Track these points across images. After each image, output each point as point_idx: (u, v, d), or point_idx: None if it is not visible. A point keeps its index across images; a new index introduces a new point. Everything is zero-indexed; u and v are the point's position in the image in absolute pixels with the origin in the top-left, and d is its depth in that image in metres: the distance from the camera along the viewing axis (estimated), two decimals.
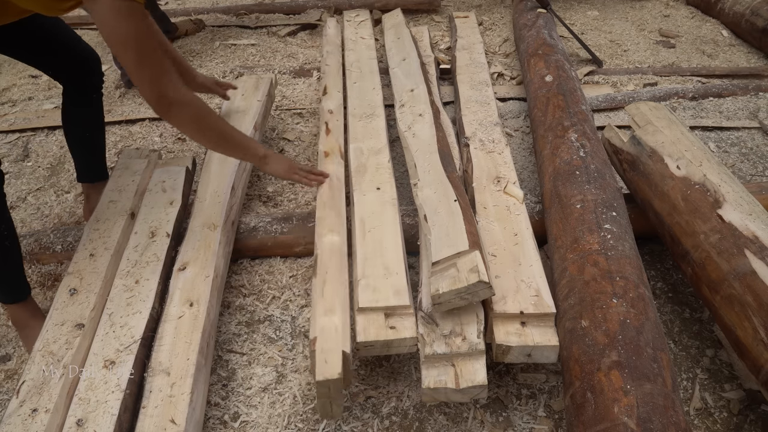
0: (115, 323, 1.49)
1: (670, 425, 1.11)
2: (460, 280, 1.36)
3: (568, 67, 2.39)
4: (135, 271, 1.63)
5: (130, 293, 1.57)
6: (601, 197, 1.64)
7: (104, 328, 1.48)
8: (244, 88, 2.39)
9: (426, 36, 3.10)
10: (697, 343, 1.64)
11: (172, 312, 1.52)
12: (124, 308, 1.52)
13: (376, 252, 1.61)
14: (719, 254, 1.43)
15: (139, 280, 1.60)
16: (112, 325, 1.48)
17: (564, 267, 1.51)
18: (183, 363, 1.40)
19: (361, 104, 2.32)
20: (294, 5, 3.74)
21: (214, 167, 2.00)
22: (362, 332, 1.42)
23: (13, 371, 1.63)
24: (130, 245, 1.72)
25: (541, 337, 1.39)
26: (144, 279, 1.60)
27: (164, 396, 1.33)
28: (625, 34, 3.44)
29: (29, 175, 2.44)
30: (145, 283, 1.59)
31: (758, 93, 2.72)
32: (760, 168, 2.27)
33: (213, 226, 1.77)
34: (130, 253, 1.69)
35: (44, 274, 1.89)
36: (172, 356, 1.41)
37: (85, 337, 1.47)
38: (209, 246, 1.71)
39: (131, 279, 1.61)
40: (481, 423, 1.46)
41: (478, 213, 1.72)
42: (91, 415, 1.29)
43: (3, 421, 1.31)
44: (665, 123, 1.82)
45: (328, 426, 1.47)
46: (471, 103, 2.32)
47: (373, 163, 1.95)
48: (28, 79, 3.21)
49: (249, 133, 2.11)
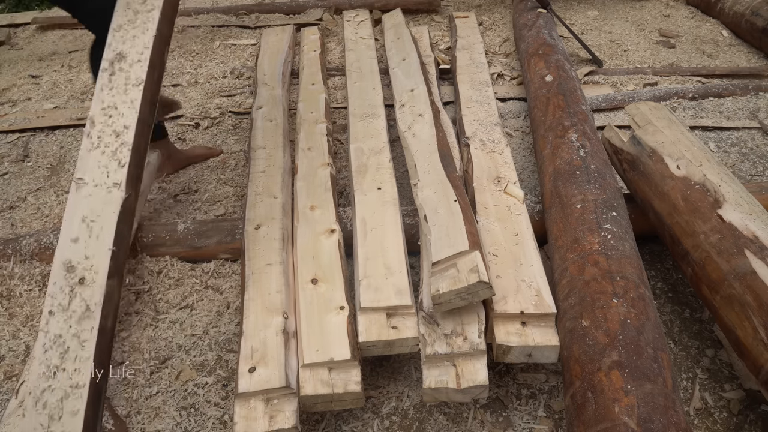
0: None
1: (671, 425, 1.11)
2: (461, 281, 1.36)
3: (568, 67, 2.39)
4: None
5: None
6: (601, 197, 1.64)
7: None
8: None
9: (426, 36, 3.10)
10: (697, 343, 1.64)
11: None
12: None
13: (377, 252, 1.61)
14: (719, 254, 1.43)
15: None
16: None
17: (564, 267, 1.52)
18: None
19: (362, 104, 2.32)
20: (294, 5, 3.74)
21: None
22: (364, 332, 1.42)
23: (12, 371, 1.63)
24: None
25: (542, 337, 1.39)
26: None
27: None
28: (625, 34, 3.44)
29: (29, 175, 2.44)
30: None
31: (758, 93, 2.72)
32: (760, 168, 2.27)
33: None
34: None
35: (44, 274, 1.89)
36: None
37: None
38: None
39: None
40: (481, 423, 1.46)
41: (478, 213, 1.72)
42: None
43: (2, 421, 1.31)
44: (665, 123, 1.82)
45: (328, 426, 1.47)
46: (471, 103, 2.32)
47: (373, 163, 1.95)
48: (28, 79, 3.22)
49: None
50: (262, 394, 1.31)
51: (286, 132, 2.24)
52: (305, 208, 1.80)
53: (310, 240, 1.69)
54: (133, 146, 1.36)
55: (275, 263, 1.62)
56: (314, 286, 1.55)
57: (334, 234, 1.71)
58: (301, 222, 1.76)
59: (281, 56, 2.86)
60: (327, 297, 1.52)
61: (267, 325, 1.45)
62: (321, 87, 2.53)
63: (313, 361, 1.36)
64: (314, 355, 1.37)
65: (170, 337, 1.70)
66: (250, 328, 1.44)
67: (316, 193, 1.86)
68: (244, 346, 1.40)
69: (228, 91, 2.96)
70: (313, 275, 1.58)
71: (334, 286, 1.54)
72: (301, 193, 1.87)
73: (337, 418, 1.48)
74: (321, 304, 1.50)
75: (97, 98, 1.43)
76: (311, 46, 2.99)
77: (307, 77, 2.64)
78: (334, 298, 1.51)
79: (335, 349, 1.38)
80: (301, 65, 2.80)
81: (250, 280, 1.57)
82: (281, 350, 1.38)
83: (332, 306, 1.49)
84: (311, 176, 1.94)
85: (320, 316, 1.46)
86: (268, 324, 1.45)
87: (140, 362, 1.63)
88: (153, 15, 1.50)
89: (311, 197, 1.85)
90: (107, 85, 1.43)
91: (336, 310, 1.48)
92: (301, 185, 1.90)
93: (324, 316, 1.46)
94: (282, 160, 2.05)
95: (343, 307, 1.48)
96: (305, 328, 1.44)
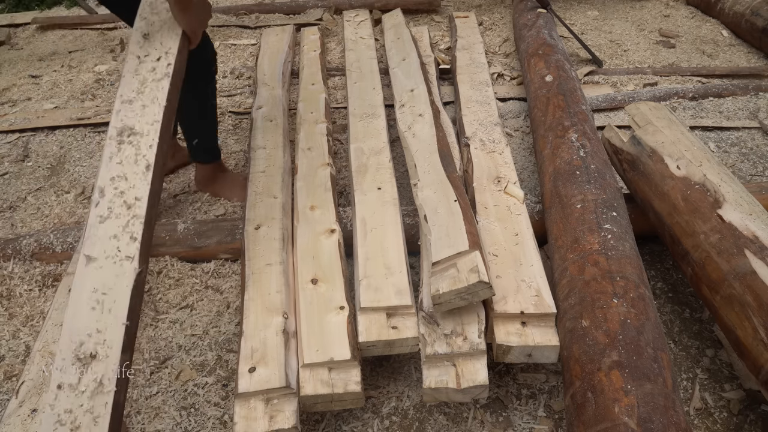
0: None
1: (671, 425, 1.11)
2: (460, 281, 1.36)
3: (568, 67, 2.39)
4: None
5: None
6: (601, 197, 1.64)
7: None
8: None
9: (426, 36, 3.10)
10: (697, 343, 1.64)
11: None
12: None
13: (377, 252, 1.61)
14: (719, 254, 1.43)
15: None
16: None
17: (564, 267, 1.51)
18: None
19: (362, 104, 2.32)
20: (294, 5, 3.74)
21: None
22: (364, 332, 1.42)
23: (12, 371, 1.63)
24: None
25: (542, 337, 1.39)
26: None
27: None
28: (625, 34, 3.44)
29: (29, 175, 2.44)
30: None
31: (758, 93, 2.72)
32: (760, 168, 2.27)
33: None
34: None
35: (44, 274, 1.89)
36: None
37: None
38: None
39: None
40: (481, 423, 1.46)
41: (478, 213, 1.72)
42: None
43: (2, 421, 1.31)
44: (665, 123, 1.82)
45: (328, 426, 1.47)
46: (471, 103, 2.32)
47: (374, 163, 1.95)
48: (28, 79, 3.22)
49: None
50: (262, 394, 1.31)
51: (286, 132, 2.24)
52: (305, 208, 1.80)
53: (310, 240, 1.69)
54: (145, 220, 1.31)
55: (275, 263, 1.62)
56: (314, 286, 1.55)
57: (334, 234, 1.71)
58: (301, 222, 1.76)
59: (281, 56, 2.86)
60: (327, 297, 1.52)
61: (267, 325, 1.44)
62: (321, 87, 2.53)
63: (313, 361, 1.36)
64: (314, 355, 1.37)
65: (170, 337, 1.70)
66: (250, 328, 1.44)
67: (316, 193, 1.86)
68: (244, 346, 1.40)
69: (228, 91, 2.96)
70: (313, 275, 1.58)
71: (334, 286, 1.54)
72: (301, 193, 1.87)
73: (337, 418, 1.48)
74: (321, 304, 1.50)
75: (105, 168, 1.37)
76: (311, 46, 2.99)
77: (307, 77, 2.64)
78: (334, 298, 1.51)
79: (335, 349, 1.38)
80: (301, 65, 2.80)
81: (250, 280, 1.57)
82: (281, 350, 1.38)
83: (332, 306, 1.49)
84: (311, 176, 1.94)
85: (320, 316, 1.46)
86: (268, 324, 1.45)
87: (140, 362, 1.63)
88: (162, 84, 1.44)
89: (311, 197, 1.85)
90: (116, 154, 1.38)
91: (336, 310, 1.48)
92: (301, 185, 1.90)
93: (324, 316, 1.46)
94: (282, 160, 2.05)
95: (343, 307, 1.48)
96: (305, 328, 1.44)
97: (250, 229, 1.75)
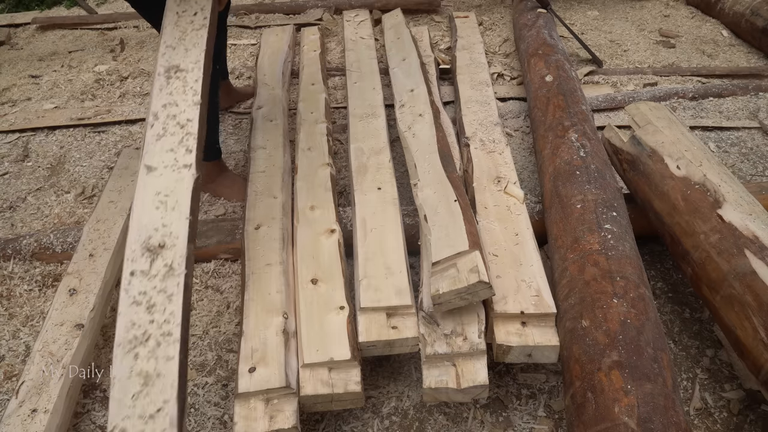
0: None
1: (671, 425, 1.11)
2: (460, 281, 1.36)
3: (568, 67, 2.39)
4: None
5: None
6: (601, 197, 1.64)
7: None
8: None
9: (426, 36, 3.10)
10: (697, 343, 1.64)
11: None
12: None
13: (377, 252, 1.61)
14: (719, 254, 1.43)
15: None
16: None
17: (564, 267, 1.52)
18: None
19: (362, 104, 2.32)
20: (294, 5, 3.74)
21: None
22: (364, 332, 1.42)
23: (12, 371, 1.63)
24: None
25: (542, 337, 1.39)
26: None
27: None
28: (625, 34, 3.44)
29: (29, 175, 2.44)
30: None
31: (758, 93, 2.72)
32: (760, 168, 2.27)
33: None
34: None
35: (44, 274, 1.89)
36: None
37: (85, 338, 1.47)
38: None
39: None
40: (481, 423, 1.46)
41: (478, 213, 1.72)
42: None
43: (2, 421, 1.31)
44: (665, 123, 1.82)
45: (328, 426, 1.47)
46: (471, 103, 2.32)
47: (374, 163, 1.95)
48: (28, 79, 3.22)
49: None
50: (262, 394, 1.31)
51: (286, 132, 2.24)
52: (305, 208, 1.80)
53: (310, 240, 1.69)
54: (198, 137, 1.43)
55: (275, 263, 1.62)
56: (314, 286, 1.55)
57: (334, 234, 1.71)
58: (301, 222, 1.76)
59: (281, 56, 2.86)
60: (327, 297, 1.52)
61: (267, 325, 1.45)
62: (321, 87, 2.53)
63: (313, 361, 1.36)
64: (314, 355, 1.37)
65: None
66: (250, 328, 1.44)
67: (316, 193, 1.86)
68: (244, 346, 1.40)
69: None
70: (313, 275, 1.58)
71: (334, 286, 1.54)
72: (301, 193, 1.87)
73: (337, 418, 1.48)
74: (321, 304, 1.50)
75: (156, 97, 1.49)
76: (311, 46, 2.99)
77: (307, 77, 2.64)
78: (334, 298, 1.51)
79: (335, 349, 1.38)
80: (301, 65, 2.80)
81: (250, 280, 1.57)
82: (281, 350, 1.38)
83: (332, 306, 1.49)
84: (311, 176, 1.94)
85: (320, 316, 1.46)
86: (268, 324, 1.45)
87: None
88: (201, 33, 1.60)
89: (311, 197, 1.85)
90: (165, 86, 1.51)
91: (336, 310, 1.48)
92: (301, 185, 1.90)
93: (324, 316, 1.46)
94: (282, 160, 2.05)
95: (343, 307, 1.48)
96: (305, 328, 1.44)
97: (250, 229, 1.75)
